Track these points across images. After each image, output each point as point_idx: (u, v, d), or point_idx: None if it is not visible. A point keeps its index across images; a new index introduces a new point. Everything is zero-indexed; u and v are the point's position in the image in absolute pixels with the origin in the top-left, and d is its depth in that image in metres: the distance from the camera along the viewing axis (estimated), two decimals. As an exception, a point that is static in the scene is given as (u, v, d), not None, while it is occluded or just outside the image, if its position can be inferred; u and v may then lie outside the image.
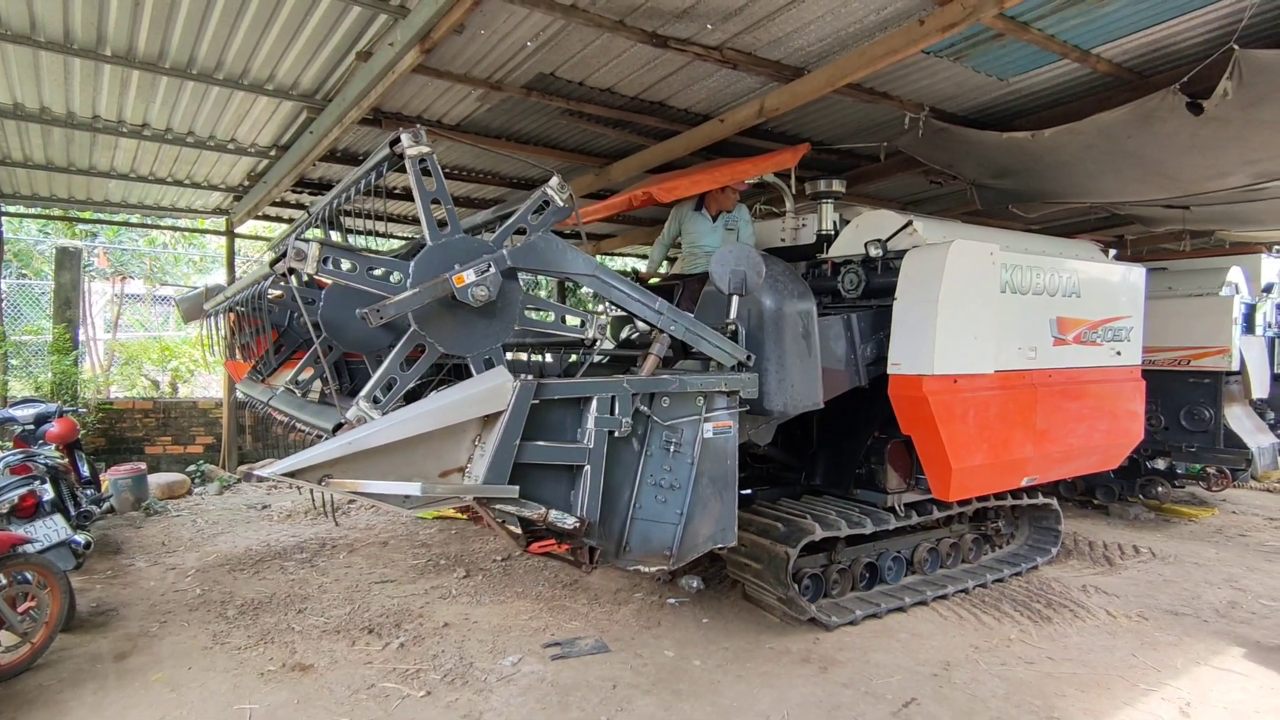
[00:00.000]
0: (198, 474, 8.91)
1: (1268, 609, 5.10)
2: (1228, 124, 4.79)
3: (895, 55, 4.44)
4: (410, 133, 3.07)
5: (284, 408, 4.38)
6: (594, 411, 3.35)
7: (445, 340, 3.14)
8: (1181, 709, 3.72)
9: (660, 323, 3.63)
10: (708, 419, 3.71)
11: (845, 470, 5.29)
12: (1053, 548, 5.96)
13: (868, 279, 5.28)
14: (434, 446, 2.97)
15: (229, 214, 9.34)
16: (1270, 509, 8.15)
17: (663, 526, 3.61)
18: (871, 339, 4.95)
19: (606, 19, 4.42)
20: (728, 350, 3.85)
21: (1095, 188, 6.52)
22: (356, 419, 2.95)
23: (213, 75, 5.37)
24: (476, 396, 3.01)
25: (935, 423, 4.58)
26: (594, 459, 3.34)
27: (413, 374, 3.15)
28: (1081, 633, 4.68)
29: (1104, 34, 4.78)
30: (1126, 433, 5.92)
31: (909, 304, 4.78)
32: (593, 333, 3.55)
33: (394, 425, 2.87)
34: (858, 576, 5.02)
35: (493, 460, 2.98)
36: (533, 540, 3.40)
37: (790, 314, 4.18)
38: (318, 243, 2.95)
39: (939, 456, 4.69)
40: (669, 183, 5.69)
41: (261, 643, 4.44)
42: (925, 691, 3.88)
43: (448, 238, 3.17)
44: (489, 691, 3.85)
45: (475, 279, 3.07)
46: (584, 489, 3.33)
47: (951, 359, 4.66)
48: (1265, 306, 7.97)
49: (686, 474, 3.64)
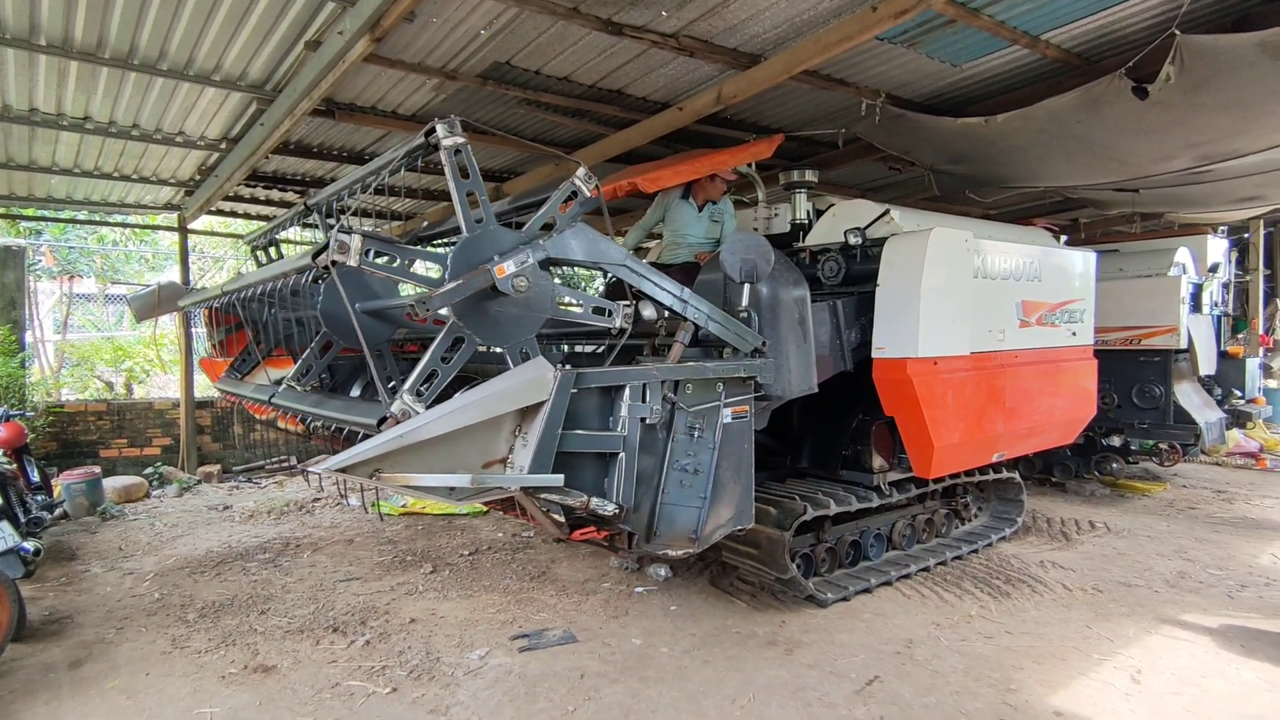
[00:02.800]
0: (155, 476, 8.70)
1: (1214, 578, 5.29)
2: (1171, 108, 4.91)
3: (849, 42, 4.46)
4: (445, 123, 3.05)
5: (294, 404, 4.31)
6: (627, 399, 3.40)
7: (483, 332, 3.13)
8: (1133, 676, 3.85)
9: (686, 311, 3.68)
10: (727, 405, 3.79)
11: (832, 452, 5.37)
12: (1017, 518, 6.21)
13: (847, 266, 5.38)
14: (476, 438, 2.96)
15: (181, 209, 9.10)
16: (1219, 482, 8.43)
17: (688, 510, 3.66)
18: (855, 324, 5.05)
19: (560, 6, 4.37)
20: (747, 337, 3.91)
21: (1047, 172, 6.64)
22: (401, 413, 2.91)
23: (155, 65, 5.21)
24: (520, 387, 3.00)
25: (919, 403, 4.71)
26: (628, 446, 3.39)
27: (453, 367, 3.11)
28: (1039, 607, 4.80)
29: (1052, 20, 4.86)
30: (1082, 409, 6.17)
31: (892, 290, 4.89)
32: (619, 322, 3.54)
33: (442, 418, 2.84)
34: (843, 554, 5.14)
35: (537, 450, 2.97)
36: (574, 528, 3.43)
37: (787, 301, 4.25)
38: (360, 235, 2.90)
39: (921, 436, 4.82)
40: (653, 173, 5.70)
41: (222, 645, 4.36)
42: (888, 669, 3.95)
43: (483, 229, 3.15)
44: (456, 685, 3.83)
45: (515, 270, 3.07)
46: (619, 475, 3.37)
47: (932, 342, 4.80)
48: (1212, 286, 8.24)
49: (708, 458, 3.70)
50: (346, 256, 2.85)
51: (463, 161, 3.08)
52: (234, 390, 5.50)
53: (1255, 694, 3.66)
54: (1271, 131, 5.27)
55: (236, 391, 5.44)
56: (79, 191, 8.45)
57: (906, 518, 5.61)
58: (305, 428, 6.04)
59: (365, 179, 3.87)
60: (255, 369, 6.05)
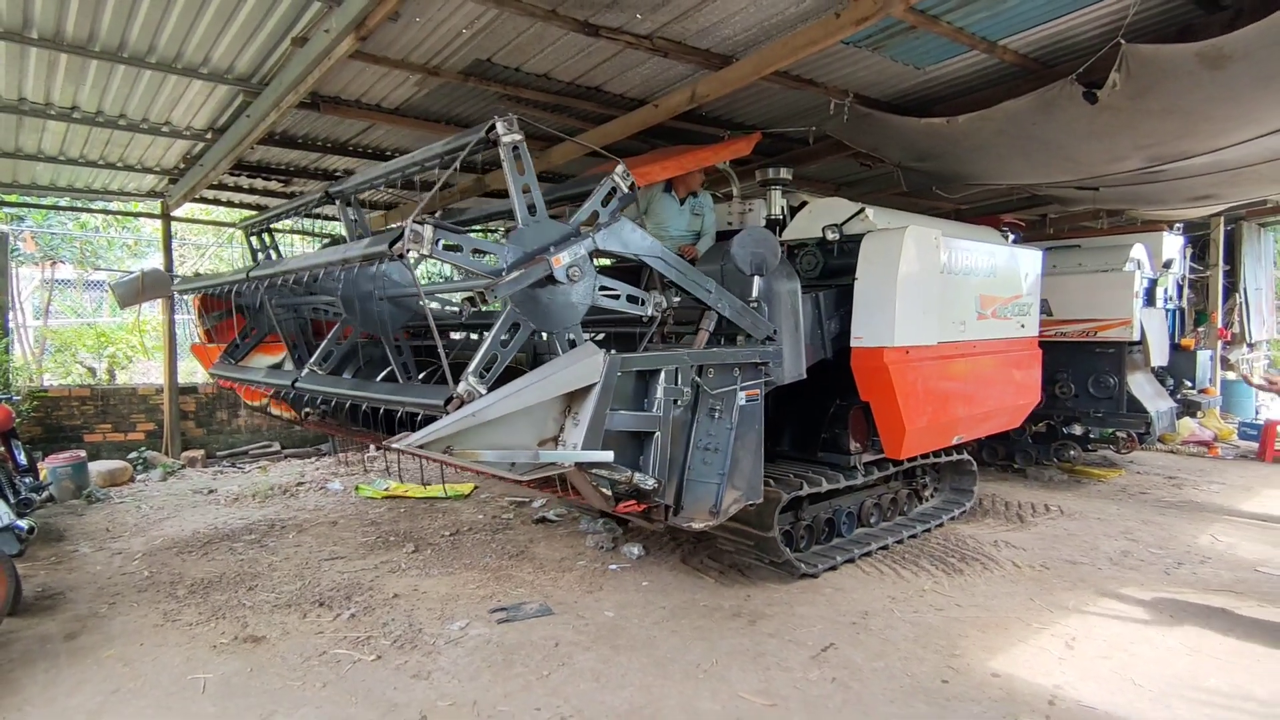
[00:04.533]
0: (140, 461, 8.82)
1: (1155, 556, 5.62)
2: (1120, 112, 5.18)
3: (815, 46, 4.68)
4: (505, 121, 3.23)
5: (335, 389, 4.47)
6: (663, 382, 3.67)
7: (536, 318, 3.33)
8: (1067, 643, 4.15)
9: (710, 300, 3.95)
10: (743, 388, 4.08)
11: (810, 436, 5.65)
12: (969, 498, 6.60)
13: (825, 260, 5.69)
14: (533, 418, 3.22)
15: (165, 197, 9.18)
16: (1171, 469, 8.81)
17: (708, 486, 3.96)
18: (835, 315, 5.36)
19: (539, 8, 4.56)
20: (761, 326, 4.20)
21: (1008, 170, 6.92)
22: (466, 394, 3.11)
23: (145, 59, 5.32)
24: (575, 371, 3.24)
25: (893, 389, 5.06)
26: (663, 425, 3.67)
27: (510, 351, 3.31)
28: (989, 582, 5.11)
29: (1008, 27, 5.11)
30: (1029, 395, 6.61)
31: (869, 283, 5.22)
32: (651, 310, 3.78)
33: (507, 399, 3.07)
34: (819, 530, 5.46)
35: (589, 428, 3.22)
36: (619, 501, 3.70)
37: (782, 293, 4.50)
38: (433, 224, 3.08)
39: (895, 419, 5.16)
40: (641, 168, 5.89)
41: (213, 619, 4.56)
42: (843, 638, 4.23)
43: (536, 221, 3.35)
44: (437, 653, 4.07)
45: (570, 261, 3.30)
46: (655, 453, 3.65)
47: (906, 332, 5.14)
48: (1166, 281, 8.58)
49: (726, 438, 3.99)
50: (420, 245, 3.03)
51: (520, 157, 3.28)
52: (244, 378, 5.59)
53: (1176, 658, 3.98)
54: (1213, 136, 5.58)
55: (247, 379, 5.55)
56: (63, 178, 8.50)
57: (874, 497, 5.96)
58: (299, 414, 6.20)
59: (404, 170, 4.02)
60: (249, 355, 6.21)
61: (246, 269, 4.96)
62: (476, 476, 7.30)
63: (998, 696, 3.59)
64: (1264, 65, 4.42)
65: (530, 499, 7.22)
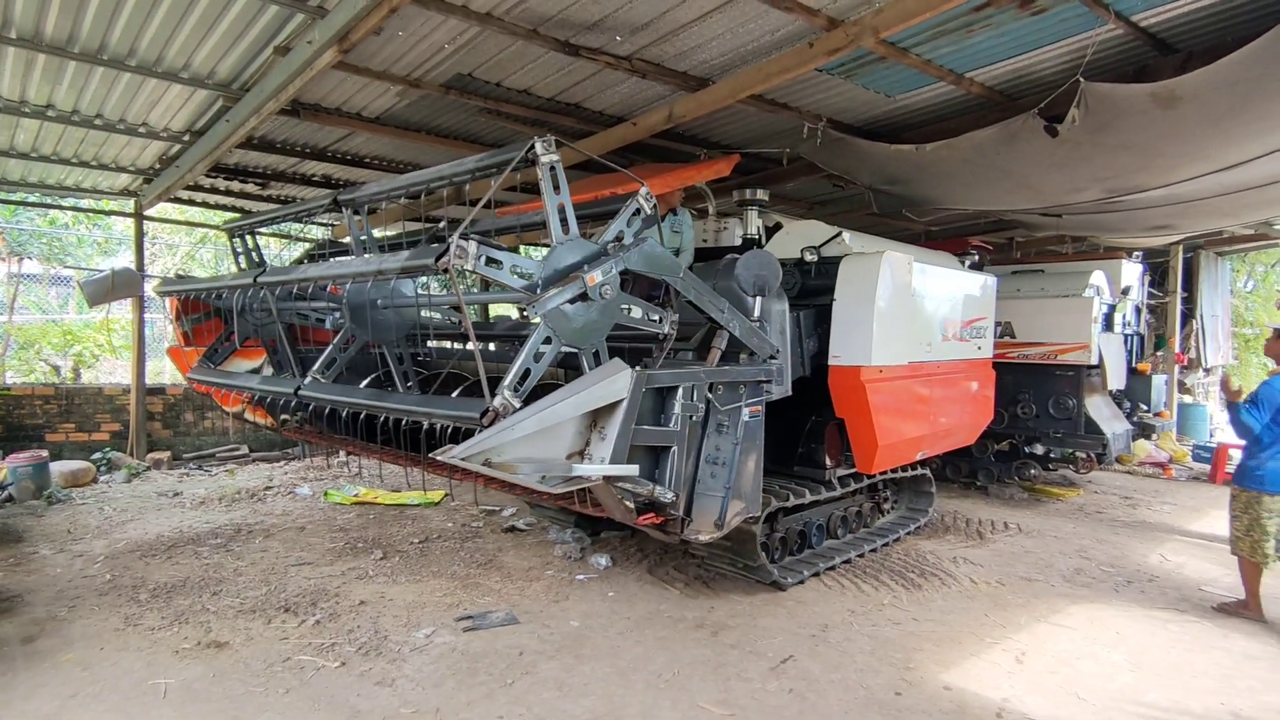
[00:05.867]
0: (104, 462, 8.71)
1: (1106, 574, 5.81)
2: (1079, 145, 5.40)
3: (789, 73, 4.84)
4: (544, 142, 3.30)
5: (337, 396, 4.44)
6: (680, 398, 3.77)
7: (567, 334, 3.38)
8: (1017, 658, 4.29)
9: (722, 320, 4.06)
10: (747, 405, 4.19)
11: (788, 450, 5.77)
12: (928, 511, 6.83)
13: (803, 281, 5.84)
14: (562, 433, 3.28)
15: (138, 196, 9.10)
16: (1128, 489, 9.07)
17: (714, 499, 4.05)
18: (814, 334, 5.51)
19: (520, 27, 4.66)
20: (765, 345, 4.33)
21: (974, 196, 7.14)
22: (502, 407, 3.16)
23: (125, 61, 5.33)
24: (605, 386, 3.31)
25: (868, 407, 5.23)
26: (680, 440, 3.76)
27: (543, 365, 3.35)
28: (946, 597, 5.25)
29: (974, 61, 5.31)
30: (984, 413, 6.88)
31: (847, 304, 5.39)
32: (667, 328, 3.88)
33: (545, 413, 3.14)
34: (793, 541, 5.59)
35: (616, 443, 3.30)
36: (639, 514, 3.78)
37: (773, 312, 4.63)
38: (476, 241, 3.13)
39: (868, 435, 5.34)
40: (625, 186, 6.01)
41: (175, 623, 4.54)
42: (803, 649, 4.33)
43: (570, 239, 3.44)
44: (402, 660, 4.10)
45: (603, 279, 3.38)
46: (672, 467, 3.73)
47: (881, 352, 5.32)
48: (1124, 307, 8.86)
49: (731, 452, 4.09)
50: (465, 260, 3.09)
51: (556, 177, 3.36)
52: (229, 383, 5.51)
53: (1119, 673, 4.14)
54: (1167, 171, 5.82)
55: (233, 384, 5.46)
56: (34, 174, 8.39)
57: (840, 509, 6.12)
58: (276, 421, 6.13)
59: (430, 183, 4.10)
60: (228, 359, 6.16)
61: (253, 273, 4.89)
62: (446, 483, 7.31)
63: (948, 709, 3.71)
64: (1212, 107, 4.65)
65: (500, 507, 7.26)
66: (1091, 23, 4.65)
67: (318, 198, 4.92)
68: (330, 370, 5.03)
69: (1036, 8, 4.52)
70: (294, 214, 5.40)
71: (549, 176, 3.35)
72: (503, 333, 5.81)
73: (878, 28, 4.23)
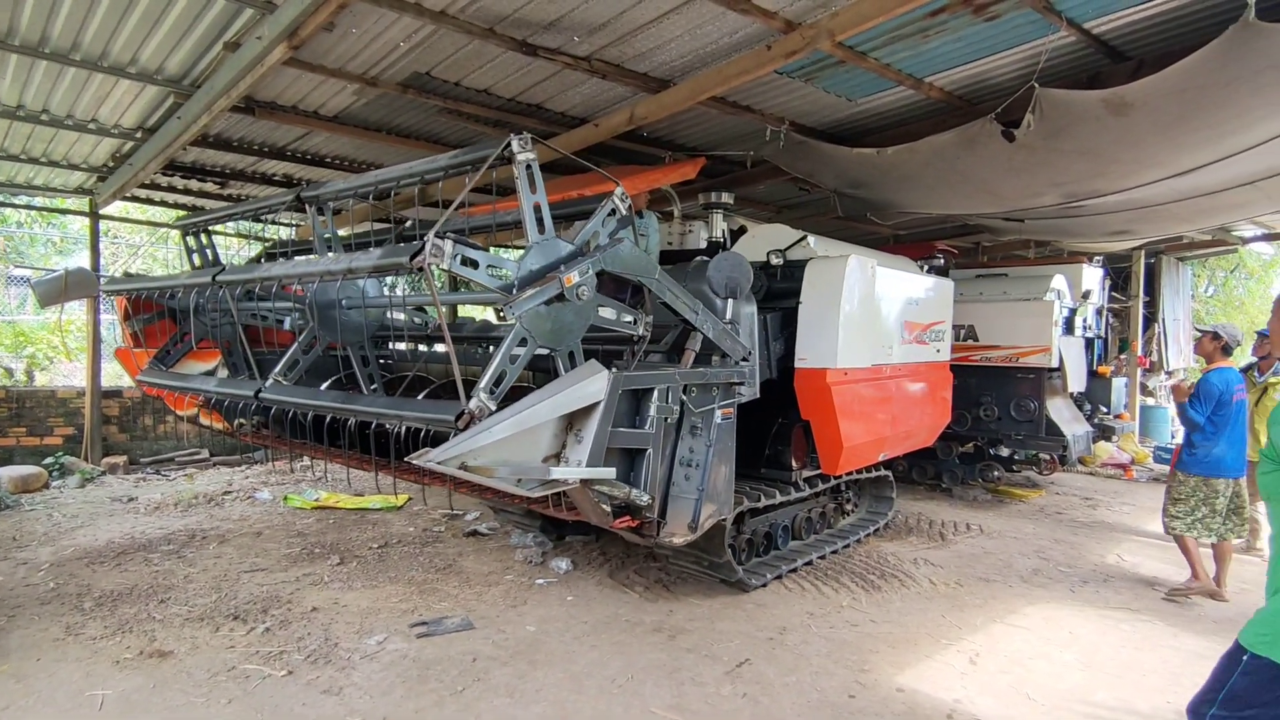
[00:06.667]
0: (56, 466, 8.48)
1: (1063, 574, 5.87)
2: (1035, 150, 5.46)
3: (748, 75, 4.84)
4: (520, 139, 3.24)
5: (303, 400, 4.29)
6: (655, 400, 3.72)
7: (542, 335, 3.32)
8: (971, 659, 4.31)
9: (696, 322, 4.04)
10: (720, 407, 4.18)
11: (755, 452, 5.76)
12: (888, 513, 6.89)
13: (768, 284, 5.85)
14: (539, 435, 3.23)
15: (93, 194, 8.89)
16: (1088, 490, 9.21)
17: (688, 501, 4.03)
18: (780, 337, 5.51)
19: (476, 26, 4.61)
20: (738, 347, 4.31)
21: (935, 200, 7.20)
22: (478, 409, 3.08)
23: (69, 55, 5.19)
24: (583, 388, 3.26)
25: (834, 408, 5.25)
26: (655, 442, 3.72)
27: (518, 367, 3.29)
28: (904, 599, 5.26)
29: (932, 65, 5.35)
30: (942, 415, 6.94)
31: (813, 307, 5.41)
32: (641, 329, 3.84)
33: (522, 415, 3.07)
34: (759, 543, 5.60)
35: (593, 446, 3.25)
36: (616, 517, 3.73)
37: (742, 314, 4.60)
38: (453, 239, 3.05)
39: (834, 437, 5.36)
40: (594, 187, 5.98)
41: (119, 632, 4.42)
42: (759, 653, 4.31)
43: (545, 240, 3.37)
44: (351, 668, 4.02)
45: (580, 279, 3.32)
46: (648, 469, 3.69)
47: (846, 355, 5.35)
48: (1085, 311, 8.99)
49: (705, 454, 4.08)
50: (440, 259, 3.02)
51: (533, 176, 3.30)
52: (182, 386, 5.35)
53: (1070, 672, 4.17)
54: (1121, 176, 5.90)
55: (187, 387, 5.30)
56: (-17, 171, 8.19)
57: (804, 510, 6.13)
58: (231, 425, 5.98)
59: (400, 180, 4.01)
60: (180, 360, 6.00)
61: (212, 271, 4.74)
62: (411, 487, 7.22)
63: (900, 710, 3.71)
64: (1161, 114, 4.73)
65: (465, 511, 7.18)
66: (1044, 29, 4.71)
67: (279, 194, 4.79)
68: (293, 373, 4.93)
69: (990, 14, 4.56)
70: (254, 210, 5.26)
71: (525, 175, 3.30)
72: (471, 334, 5.74)
73: (834, 31, 4.24)
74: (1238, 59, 4.05)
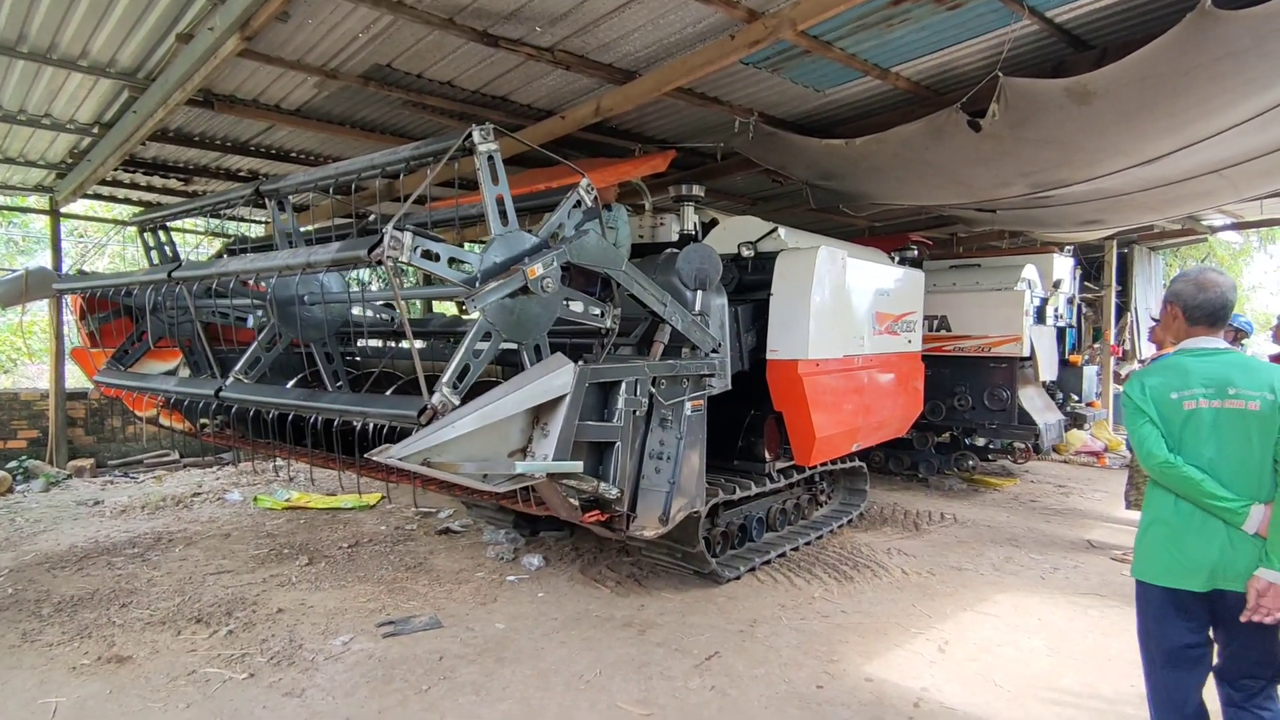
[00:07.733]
0: (20, 470, 8.31)
1: (1034, 562, 5.91)
2: (1002, 140, 5.46)
3: (713, 65, 4.80)
4: (481, 130, 3.20)
5: (264, 398, 4.21)
6: (623, 393, 3.69)
7: (507, 328, 3.27)
8: (940, 647, 4.32)
9: (664, 314, 4.00)
10: (690, 399, 4.16)
11: (728, 444, 5.74)
12: (860, 504, 6.89)
13: (739, 276, 5.83)
14: (504, 430, 3.17)
15: (53, 192, 8.70)
16: (1062, 478, 9.29)
17: (659, 494, 4.00)
18: (752, 328, 5.50)
19: (435, 16, 4.53)
20: (708, 339, 4.27)
21: (905, 191, 7.20)
22: (440, 404, 3.03)
23: (15, 48, 5.05)
24: (548, 381, 3.22)
25: (806, 400, 5.23)
26: (623, 435, 3.69)
27: (482, 361, 3.23)
28: (876, 589, 5.27)
29: (897, 55, 5.34)
30: (914, 405, 6.98)
31: (784, 299, 5.39)
32: (609, 322, 3.80)
33: (486, 409, 3.02)
34: (733, 535, 5.59)
35: (559, 440, 3.21)
36: (584, 511, 3.70)
37: (713, 307, 4.57)
38: (412, 232, 2.99)
39: (806, 428, 5.35)
40: (560, 180, 5.91)
41: (77, 638, 4.32)
42: (729, 646, 4.29)
43: (509, 231, 3.32)
44: (315, 670, 3.95)
45: (544, 272, 3.27)
46: (616, 463, 3.66)
47: (817, 346, 5.34)
48: (1056, 300, 9.06)
49: (675, 446, 4.05)
50: (400, 252, 2.95)
51: (495, 167, 3.25)
52: (141, 386, 5.23)
53: (1037, 659, 4.19)
54: (1087, 165, 5.93)
55: (146, 387, 5.19)
56: (-63, 169, 7.99)
57: (778, 502, 6.13)
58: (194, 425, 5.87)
59: (361, 173, 3.94)
60: (139, 360, 5.88)
61: (168, 268, 4.62)
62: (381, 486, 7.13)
63: (867, 700, 3.71)
64: (1124, 102, 4.74)
65: (438, 509, 7.11)
66: (1007, 18, 4.71)
67: (238, 189, 4.70)
68: (254, 370, 4.83)
69: (953, 3, 4.56)
70: (211, 205, 5.13)
71: (487, 166, 3.26)
72: (438, 329, 5.67)
73: (795, 20, 4.21)
74: (1196, 47, 4.06)
